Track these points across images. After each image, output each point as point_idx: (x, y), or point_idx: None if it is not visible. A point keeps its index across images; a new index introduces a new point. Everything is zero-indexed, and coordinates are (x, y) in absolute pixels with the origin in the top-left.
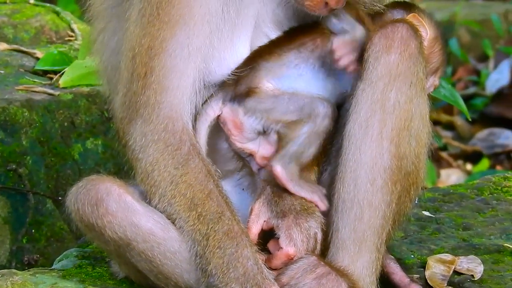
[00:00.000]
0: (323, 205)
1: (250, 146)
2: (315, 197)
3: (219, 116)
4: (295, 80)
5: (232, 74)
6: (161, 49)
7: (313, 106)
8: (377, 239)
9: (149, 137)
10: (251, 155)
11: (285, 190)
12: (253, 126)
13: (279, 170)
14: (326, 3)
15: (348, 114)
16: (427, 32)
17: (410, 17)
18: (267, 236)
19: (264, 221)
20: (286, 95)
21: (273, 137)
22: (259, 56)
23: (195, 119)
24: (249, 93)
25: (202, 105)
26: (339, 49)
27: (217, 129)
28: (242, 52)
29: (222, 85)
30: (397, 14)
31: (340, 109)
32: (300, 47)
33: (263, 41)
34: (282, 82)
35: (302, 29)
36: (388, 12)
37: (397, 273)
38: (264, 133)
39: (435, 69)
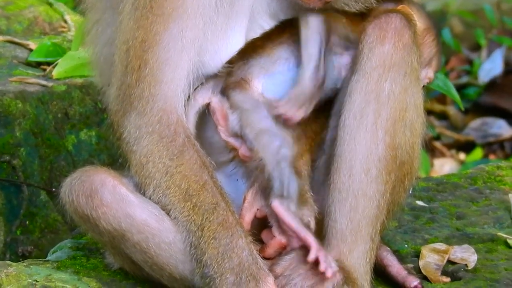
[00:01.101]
0: (321, 256)
1: (233, 142)
2: (313, 243)
3: (208, 104)
4: (285, 77)
5: (225, 66)
6: (155, 42)
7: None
8: (372, 229)
9: (144, 129)
10: (234, 149)
11: None
12: (234, 123)
13: (277, 206)
14: None
15: (343, 105)
16: (417, 23)
17: (399, 8)
18: (262, 226)
19: (258, 209)
20: (267, 107)
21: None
22: (252, 49)
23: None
24: (237, 85)
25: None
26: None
27: (210, 120)
28: (236, 44)
29: (214, 75)
30: (389, 5)
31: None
32: (289, 40)
33: (258, 33)
34: (272, 82)
35: (292, 22)
36: (380, 4)
37: (394, 266)
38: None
39: (428, 61)
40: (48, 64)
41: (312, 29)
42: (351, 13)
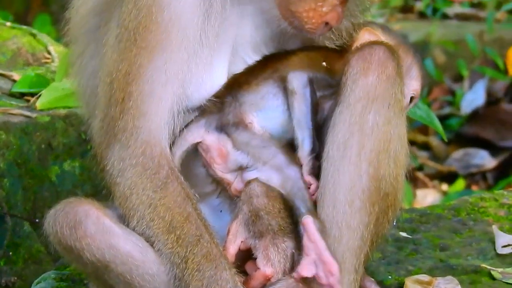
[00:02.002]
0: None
1: (228, 177)
2: (335, 265)
3: (199, 142)
4: (277, 112)
5: (210, 100)
6: (139, 75)
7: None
8: (355, 260)
9: (127, 162)
10: (227, 184)
11: (262, 210)
12: (238, 160)
13: (310, 223)
14: (326, 23)
15: (326, 136)
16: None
17: (363, 32)
18: (246, 257)
19: (242, 241)
20: (272, 143)
21: (249, 175)
22: (237, 84)
23: (173, 143)
24: (239, 125)
25: (180, 130)
26: None
27: (194, 152)
28: (219, 77)
29: (203, 112)
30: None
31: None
32: (273, 75)
33: (240, 66)
34: (266, 117)
35: (275, 56)
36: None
37: None
38: (244, 168)
39: (407, 72)
40: (32, 95)
41: (299, 95)
42: (330, 51)
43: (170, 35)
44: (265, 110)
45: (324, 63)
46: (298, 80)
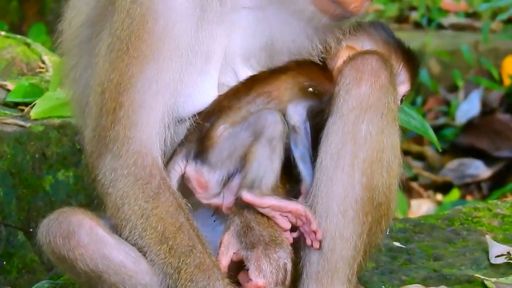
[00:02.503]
0: (310, 215)
1: (215, 201)
2: (299, 206)
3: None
4: None
5: (193, 125)
6: (130, 85)
7: (261, 119)
8: (349, 270)
9: (119, 172)
10: (216, 207)
11: (254, 221)
12: (218, 180)
13: (248, 195)
14: None
15: (319, 146)
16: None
17: (344, 50)
18: (239, 267)
19: (234, 253)
20: (238, 127)
21: (236, 181)
22: (218, 110)
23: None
24: (208, 146)
25: (167, 162)
26: None
27: None
28: (210, 87)
29: (184, 141)
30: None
31: None
32: (256, 99)
33: (230, 76)
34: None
35: (260, 78)
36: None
37: None
38: (228, 179)
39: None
40: (26, 104)
41: (301, 131)
42: (314, 69)
43: (163, 44)
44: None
45: (310, 89)
46: (298, 115)
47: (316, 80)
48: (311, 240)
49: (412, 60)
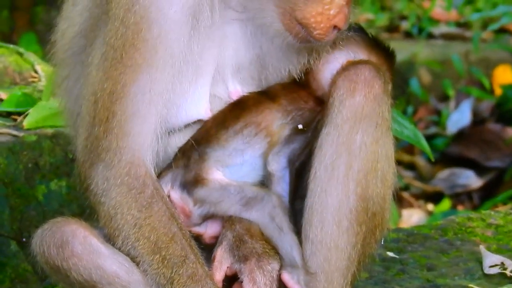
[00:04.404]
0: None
1: (197, 229)
2: None
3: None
4: (242, 168)
5: (176, 155)
6: (123, 94)
7: (258, 196)
8: (343, 280)
9: (112, 181)
10: (198, 235)
11: (246, 234)
12: (201, 215)
13: (287, 278)
14: (335, 27)
15: (313, 157)
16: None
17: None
18: (233, 280)
19: (227, 266)
20: (232, 188)
21: (216, 223)
22: (206, 139)
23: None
24: (198, 182)
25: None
26: None
27: None
28: (202, 98)
29: (170, 165)
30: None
31: None
32: (244, 129)
33: (221, 87)
34: (230, 172)
35: (248, 106)
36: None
37: None
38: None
39: None
40: (19, 114)
41: (277, 178)
42: (303, 92)
43: (156, 53)
44: (230, 166)
45: (300, 126)
46: (278, 163)
47: (305, 106)
48: None
49: (390, 56)
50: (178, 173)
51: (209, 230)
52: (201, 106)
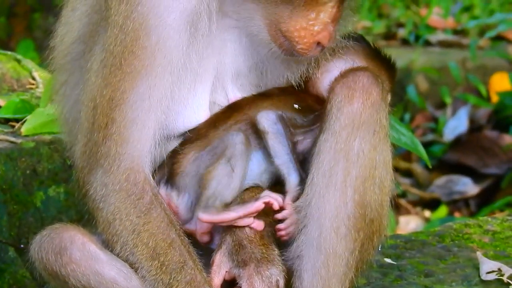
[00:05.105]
0: (274, 200)
1: (188, 227)
2: (257, 202)
3: None
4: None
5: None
6: (122, 100)
7: (224, 141)
8: (341, 287)
9: (110, 187)
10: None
11: (245, 239)
12: (188, 204)
13: (203, 215)
14: (318, 43)
15: (311, 164)
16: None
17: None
18: (232, 285)
19: (226, 271)
20: (204, 151)
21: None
22: (196, 138)
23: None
24: (176, 171)
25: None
26: None
27: None
28: (201, 105)
29: (160, 167)
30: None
31: None
32: (233, 126)
33: (221, 94)
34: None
35: (239, 105)
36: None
37: None
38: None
39: None
40: (17, 120)
41: (272, 134)
42: (301, 94)
43: (156, 60)
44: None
45: (295, 105)
46: (267, 119)
47: (301, 103)
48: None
49: (391, 67)
50: (163, 172)
51: (199, 227)
52: (200, 113)
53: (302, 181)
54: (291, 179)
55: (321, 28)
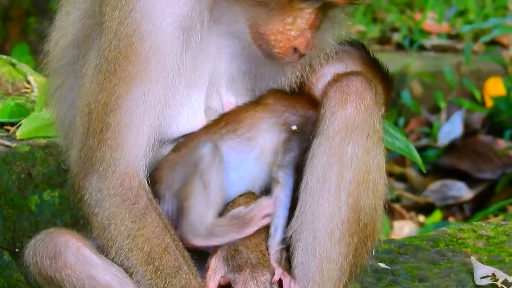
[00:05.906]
0: (268, 219)
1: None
2: (252, 228)
3: None
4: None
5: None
6: (117, 106)
7: (195, 153)
8: None
9: (105, 192)
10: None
11: (241, 244)
12: (169, 213)
13: (195, 241)
14: (295, 49)
15: (305, 168)
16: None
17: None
18: None
19: (221, 276)
20: (180, 161)
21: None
22: (185, 142)
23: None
24: (158, 178)
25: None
26: None
27: None
28: (196, 110)
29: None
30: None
31: None
32: (223, 129)
33: (215, 99)
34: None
35: (235, 111)
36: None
37: None
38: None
39: None
40: (12, 124)
41: (282, 185)
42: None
43: (150, 66)
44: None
45: (293, 127)
46: (285, 173)
47: (295, 105)
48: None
49: (387, 78)
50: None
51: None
52: (195, 118)
53: (284, 242)
54: (277, 234)
55: (298, 33)
